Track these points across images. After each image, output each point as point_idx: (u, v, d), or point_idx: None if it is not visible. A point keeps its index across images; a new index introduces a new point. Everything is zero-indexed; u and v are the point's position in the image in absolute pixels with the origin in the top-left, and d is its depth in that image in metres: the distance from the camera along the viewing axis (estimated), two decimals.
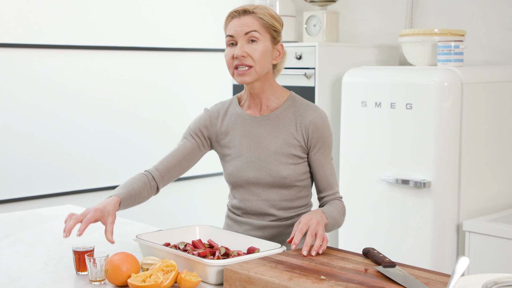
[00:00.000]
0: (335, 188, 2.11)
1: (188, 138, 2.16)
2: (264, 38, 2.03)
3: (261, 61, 2.02)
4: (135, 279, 1.71)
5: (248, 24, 2.02)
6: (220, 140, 2.15)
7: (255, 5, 2.06)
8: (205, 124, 2.16)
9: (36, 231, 2.40)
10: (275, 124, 2.08)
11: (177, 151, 2.15)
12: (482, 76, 3.12)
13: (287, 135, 2.06)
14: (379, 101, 3.16)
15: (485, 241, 2.88)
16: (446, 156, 2.96)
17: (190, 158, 2.16)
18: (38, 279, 1.85)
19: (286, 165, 2.05)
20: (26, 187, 3.61)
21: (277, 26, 2.06)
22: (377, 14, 4.00)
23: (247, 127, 2.10)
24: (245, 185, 2.10)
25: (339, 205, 2.09)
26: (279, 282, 1.63)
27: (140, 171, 2.20)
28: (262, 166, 2.06)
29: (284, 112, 2.08)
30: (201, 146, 2.17)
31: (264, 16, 2.03)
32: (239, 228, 2.15)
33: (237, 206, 2.15)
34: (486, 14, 3.54)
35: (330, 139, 2.09)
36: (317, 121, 2.05)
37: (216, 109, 2.18)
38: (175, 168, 2.15)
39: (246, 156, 2.08)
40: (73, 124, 3.77)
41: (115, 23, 3.90)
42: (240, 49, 2.02)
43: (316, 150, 2.07)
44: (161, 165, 2.14)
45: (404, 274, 1.69)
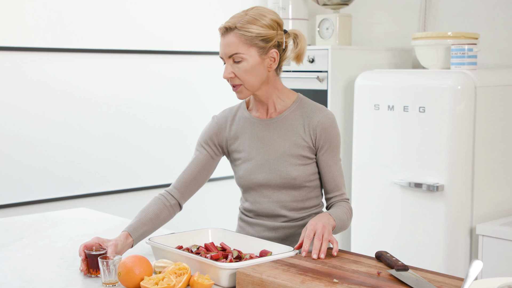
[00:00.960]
0: (342, 189, 2.12)
1: (200, 150, 2.17)
2: (249, 54, 2.01)
3: (248, 78, 2.03)
4: (147, 282, 1.71)
5: (230, 45, 2.01)
6: (230, 145, 2.16)
7: (243, 15, 2.02)
8: (214, 132, 2.18)
9: (49, 234, 2.41)
10: (283, 126, 2.09)
11: (192, 165, 2.17)
12: (495, 80, 3.10)
13: (295, 136, 2.07)
14: (392, 105, 3.15)
15: (499, 245, 2.86)
16: (459, 160, 2.95)
17: (206, 169, 2.17)
18: (51, 282, 1.85)
19: (295, 166, 2.06)
20: (38, 190, 3.63)
21: (265, 34, 2.01)
22: (390, 17, 4.00)
23: (256, 130, 2.11)
24: (256, 188, 2.11)
25: (346, 207, 2.09)
26: (292, 285, 1.63)
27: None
28: (272, 168, 2.07)
29: (292, 114, 2.09)
30: (213, 155, 2.17)
31: (246, 32, 1.99)
32: (252, 229, 2.15)
33: (249, 208, 2.16)
34: (499, 17, 3.53)
35: (338, 140, 2.09)
36: (325, 122, 2.06)
37: (224, 115, 2.19)
38: (192, 182, 2.16)
39: (256, 159, 2.09)
40: (84, 129, 3.78)
41: (122, 26, 3.91)
42: (226, 71, 2.04)
43: (324, 151, 2.07)
44: (179, 182, 2.16)
45: (417, 277, 1.68)
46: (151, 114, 4.06)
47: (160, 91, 4.10)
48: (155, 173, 4.08)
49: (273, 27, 2.03)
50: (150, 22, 4.02)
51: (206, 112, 4.32)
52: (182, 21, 4.16)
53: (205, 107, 4.32)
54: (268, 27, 2.02)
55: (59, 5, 3.66)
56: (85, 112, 3.78)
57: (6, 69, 3.48)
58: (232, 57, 2.01)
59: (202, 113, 4.30)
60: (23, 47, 3.55)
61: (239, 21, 2.00)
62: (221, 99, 4.38)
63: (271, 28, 2.03)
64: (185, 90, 4.21)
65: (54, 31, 3.64)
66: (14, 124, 3.53)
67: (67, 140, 3.71)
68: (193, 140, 4.25)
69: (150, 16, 4.01)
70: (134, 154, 3.99)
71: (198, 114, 4.28)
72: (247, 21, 2.00)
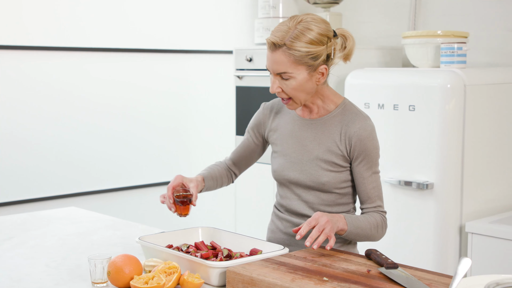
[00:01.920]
0: (377, 202, 2.06)
1: (247, 135, 2.25)
2: (298, 72, 1.96)
3: (296, 94, 2.00)
4: (137, 281, 1.70)
5: (278, 63, 1.95)
6: (270, 136, 2.17)
7: (292, 29, 1.94)
8: (259, 121, 2.20)
9: (38, 233, 2.40)
10: (320, 129, 2.07)
11: (240, 147, 2.26)
12: (485, 78, 3.11)
13: (331, 142, 2.04)
14: (382, 103, 3.15)
15: (488, 243, 2.88)
16: (449, 158, 2.96)
17: (252, 152, 2.24)
18: (40, 282, 1.85)
19: (326, 171, 2.04)
20: (28, 189, 3.61)
21: (315, 51, 1.94)
22: (380, 16, 4.00)
23: (295, 127, 2.11)
24: (288, 184, 2.11)
25: (375, 217, 2.04)
26: (282, 283, 1.63)
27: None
28: (303, 169, 2.06)
29: (332, 119, 2.06)
30: (257, 142, 2.22)
31: (295, 51, 1.93)
32: (281, 224, 2.15)
33: (280, 203, 2.16)
34: (489, 16, 3.54)
35: (375, 152, 2.04)
36: (361, 134, 2.02)
37: (272, 104, 2.20)
38: (241, 161, 2.27)
39: (291, 156, 2.09)
40: (75, 127, 3.77)
41: (117, 24, 3.91)
42: (273, 86, 2.00)
43: (358, 162, 2.04)
44: (231, 158, 2.27)
45: (406, 275, 1.69)
46: (143, 112, 4.05)
47: (154, 89, 4.09)
48: (146, 172, 4.08)
49: (323, 42, 1.96)
50: (144, 20, 4.01)
51: (200, 109, 4.32)
52: (177, 20, 4.15)
53: (199, 106, 4.31)
54: (318, 43, 1.95)
55: (53, 3, 3.64)
56: (75, 110, 3.77)
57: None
58: (280, 75, 1.98)
59: (195, 111, 4.30)
60: (15, 45, 3.54)
61: (287, 37, 1.93)
62: (216, 96, 4.38)
63: (320, 44, 1.96)
64: (178, 88, 4.21)
65: (49, 29, 3.63)
66: (2, 122, 3.51)
67: (57, 139, 3.70)
68: (187, 138, 4.26)
69: (144, 14, 4.00)
70: (124, 152, 3.98)
71: (191, 112, 4.27)
72: (296, 38, 1.93)
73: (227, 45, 4.38)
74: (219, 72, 4.37)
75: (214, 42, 4.34)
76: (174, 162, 4.22)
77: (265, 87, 3.91)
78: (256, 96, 3.97)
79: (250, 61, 3.97)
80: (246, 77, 4.01)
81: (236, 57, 4.06)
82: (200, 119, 4.32)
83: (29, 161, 3.60)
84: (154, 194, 4.12)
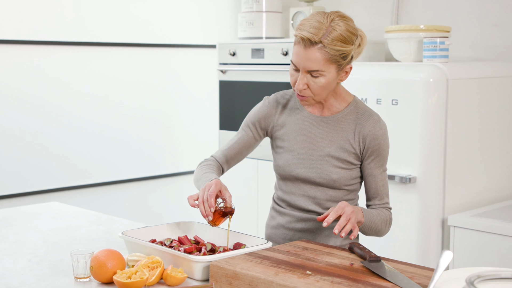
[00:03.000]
0: (385, 199, 2.09)
1: (246, 130, 2.16)
2: (328, 71, 1.95)
3: (320, 92, 1.99)
4: (120, 276, 1.70)
5: (312, 60, 1.92)
6: (275, 131, 2.13)
7: (327, 26, 1.92)
8: (263, 115, 2.14)
9: (21, 229, 2.38)
10: (333, 127, 2.06)
11: (236, 144, 2.17)
12: (467, 72, 3.13)
13: (344, 140, 2.04)
14: (365, 97, 3.16)
15: (470, 236, 2.90)
16: (432, 152, 2.98)
17: (248, 148, 2.18)
18: (22, 277, 1.84)
19: (338, 168, 2.04)
20: (9, 184, 3.59)
21: (346, 51, 1.94)
22: (363, 10, 4.01)
23: (305, 124, 2.09)
24: (293, 180, 2.09)
25: (385, 213, 2.07)
26: (265, 277, 1.64)
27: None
28: (313, 166, 2.05)
29: (345, 117, 2.06)
30: (257, 137, 2.17)
31: (331, 49, 1.91)
32: (282, 219, 2.14)
33: (282, 197, 2.14)
34: (471, 11, 3.56)
35: (386, 151, 2.06)
36: (376, 132, 2.03)
37: (276, 99, 2.15)
38: (234, 159, 2.19)
39: (299, 152, 2.07)
40: (56, 122, 3.75)
41: (101, 19, 3.88)
42: (300, 83, 1.96)
43: (370, 160, 2.05)
44: (224, 155, 2.17)
45: (389, 268, 1.70)
46: (126, 107, 4.03)
47: (137, 83, 4.07)
48: (129, 167, 4.06)
49: (352, 41, 1.96)
50: (128, 14, 3.99)
51: (184, 105, 4.31)
52: (160, 14, 4.13)
53: (183, 100, 4.30)
54: (349, 42, 1.95)
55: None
56: (57, 104, 3.74)
57: None
58: (310, 72, 1.95)
59: (180, 106, 4.29)
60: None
61: (322, 34, 1.91)
62: (200, 91, 4.37)
63: (350, 43, 1.96)
64: (162, 82, 4.20)
65: (36, 23, 3.60)
66: None
67: (38, 134, 3.67)
68: (171, 133, 4.25)
69: (128, 8, 3.98)
70: (108, 147, 3.97)
71: (176, 106, 4.26)
72: (333, 37, 1.91)
73: (211, 39, 4.37)
74: (203, 67, 4.36)
75: (197, 36, 4.33)
76: (159, 157, 4.20)
77: (248, 82, 3.91)
78: (239, 91, 3.97)
79: (233, 55, 3.96)
80: (230, 72, 4.00)
81: (219, 52, 4.06)
82: (184, 114, 4.31)
83: (11, 156, 3.58)
84: (138, 189, 4.11)
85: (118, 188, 4.01)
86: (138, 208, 4.11)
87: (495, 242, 2.82)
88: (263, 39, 4.02)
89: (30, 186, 3.66)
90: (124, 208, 4.05)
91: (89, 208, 3.55)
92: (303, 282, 1.60)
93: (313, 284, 1.59)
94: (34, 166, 3.66)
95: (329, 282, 1.60)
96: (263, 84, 3.83)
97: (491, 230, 2.83)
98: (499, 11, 3.48)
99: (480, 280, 1.36)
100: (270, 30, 4.04)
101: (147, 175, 4.14)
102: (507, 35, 3.45)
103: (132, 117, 4.06)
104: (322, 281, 1.61)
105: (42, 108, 3.68)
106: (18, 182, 3.61)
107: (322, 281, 1.61)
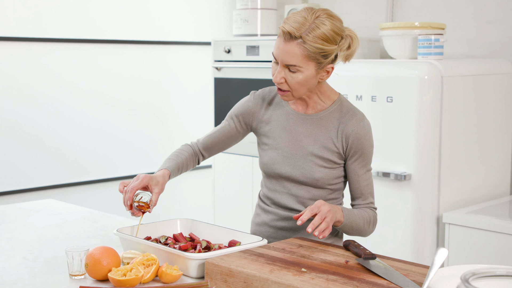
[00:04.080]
0: (369, 199, 2.07)
1: (229, 121, 2.17)
2: (307, 67, 1.93)
3: (298, 88, 1.97)
4: (115, 273, 1.70)
5: (290, 54, 1.91)
6: (260, 128, 2.12)
7: (309, 21, 1.90)
8: (248, 110, 2.14)
9: (15, 226, 2.38)
10: (317, 125, 2.05)
11: (217, 133, 2.18)
12: (462, 69, 3.13)
13: (327, 139, 2.03)
14: (360, 94, 3.16)
15: (464, 233, 2.90)
16: (426, 149, 2.98)
17: (231, 139, 2.18)
18: (17, 274, 1.83)
19: (320, 167, 2.03)
20: (4, 181, 3.58)
21: (327, 50, 1.92)
22: (358, 7, 4.01)
23: (289, 122, 2.08)
24: (277, 178, 2.08)
25: (368, 213, 2.05)
26: (260, 275, 1.64)
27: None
28: (296, 164, 2.04)
29: (329, 115, 2.05)
30: (240, 130, 2.16)
31: (310, 46, 1.89)
32: (266, 217, 2.14)
33: (266, 195, 2.13)
34: (466, 8, 3.56)
35: (370, 150, 2.05)
36: (359, 132, 2.02)
37: (262, 95, 2.14)
38: (216, 147, 2.20)
39: (283, 150, 2.06)
40: (52, 117, 3.74)
41: (96, 16, 3.88)
42: (278, 76, 1.96)
43: (353, 159, 2.04)
44: (204, 143, 2.19)
45: (384, 266, 1.70)
46: (121, 103, 4.03)
47: (132, 80, 4.07)
48: (124, 164, 4.06)
49: (336, 41, 1.94)
50: (123, 11, 3.98)
51: (179, 102, 4.30)
52: (155, 11, 4.13)
53: (179, 97, 4.30)
54: (332, 41, 1.93)
55: None
56: (50, 101, 3.73)
57: None
58: (288, 66, 1.94)
59: (175, 103, 4.28)
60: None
61: (305, 29, 1.89)
62: (195, 89, 4.37)
63: (333, 43, 1.93)
64: (157, 79, 4.19)
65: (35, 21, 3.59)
66: None
67: (32, 131, 3.67)
68: (166, 130, 4.25)
69: (123, 5, 3.97)
70: (103, 144, 3.96)
71: (171, 103, 4.25)
72: (315, 35, 1.89)
73: (206, 37, 4.36)
74: (198, 64, 4.36)
75: (192, 34, 4.33)
76: (154, 154, 4.20)
77: (243, 79, 3.90)
78: (234, 88, 3.97)
79: (228, 52, 3.96)
80: (225, 69, 4.00)
81: (214, 49, 4.05)
82: (179, 111, 4.31)
83: (7, 153, 3.57)
84: None
85: (113, 185, 4.00)
86: None
87: (490, 240, 2.83)
88: (258, 36, 4.02)
89: (25, 183, 3.65)
90: (120, 206, 4.04)
91: (84, 205, 3.54)
92: (298, 279, 1.60)
93: (308, 282, 1.59)
94: (29, 162, 3.65)
95: (324, 280, 1.61)
96: (258, 81, 3.82)
97: (486, 227, 2.84)
98: (493, 8, 3.48)
99: (475, 277, 1.36)
100: (265, 27, 4.04)
101: (143, 172, 4.14)
102: (501, 32, 3.46)
103: (128, 114, 4.06)
104: (317, 279, 1.61)
105: (39, 104, 3.67)
106: (13, 179, 3.60)
107: (317, 279, 1.61)
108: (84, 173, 3.89)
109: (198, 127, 4.38)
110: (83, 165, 3.88)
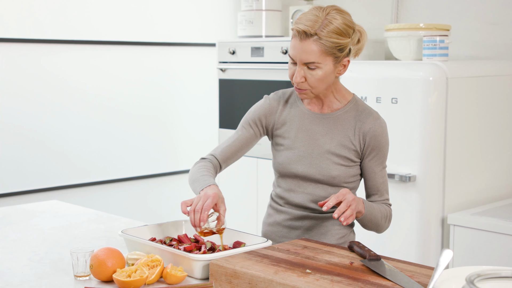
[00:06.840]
0: (385, 195, 2.10)
1: (247, 128, 2.15)
2: (325, 63, 1.96)
3: (318, 85, 1.99)
4: (120, 274, 1.70)
5: (308, 52, 1.94)
6: (276, 129, 2.13)
7: (322, 18, 1.94)
8: (264, 112, 2.14)
9: (21, 227, 2.38)
10: (333, 124, 2.06)
11: (236, 142, 2.15)
12: (467, 71, 3.13)
13: (344, 137, 2.05)
14: (365, 96, 3.16)
15: (469, 234, 2.90)
16: (431, 151, 2.98)
17: (247, 147, 2.17)
18: (22, 275, 1.84)
19: (337, 165, 2.04)
20: (10, 183, 3.59)
21: (343, 43, 1.95)
22: (363, 8, 4.01)
23: (305, 121, 2.09)
24: (293, 177, 2.09)
25: (385, 208, 2.08)
26: (265, 276, 1.64)
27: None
28: (313, 163, 2.05)
29: (345, 114, 2.07)
30: (258, 135, 2.16)
31: (326, 41, 1.93)
32: (279, 217, 2.14)
33: (280, 195, 2.14)
34: (471, 9, 3.56)
35: (386, 148, 2.07)
36: (376, 130, 2.04)
37: (277, 97, 2.15)
38: (233, 158, 2.16)
39: (299, 150, 2.07)
40: (57, 119, 3.75)
41: (100, 17, 3.88)
42: (298, 75, 1.98)
43: (370, 157, 2.06)
44: (220, 154, 2.14)
45: (389, 267, 1.70)
46: (126, 105, 4.03)
47: (136, 82, 4.07)
48: (129, 165, 4.06)
49: (349, 34, 1.97)
50: (127, 13, 3.99)
51: (184, 103, 4.31)
52: (160, 12, 4.13)
53: (183, 99, 4.30)
54: (345, 34, 1.96)
55: None
56: (55, 102, 3.74)
57: None
58: (307, 65, 1.96)
59: (179, 104, 4.29)
60: None
61: (319, 26, 1.93)
62: (199, 90, 4.37)
63: (347, 36, 1.97)
64: (162, 81, 4.20)
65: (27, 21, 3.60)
66: None
67: (38, 132, 3.67)
68: (170, 132, 4.25)
69: (127, 7, 3.98)
70: (108, 145, 3.97)
71: (175, 105, 4.26)
72: (329, 30, 1.93)
73: (210, 38, 4.37)
74: (202, 65, 4.36)
75: (197, 35, 4.33)
76: (159, 156, 4.21)
77: (248, 80, 3.91)
78: (239, 89, 3.97)
79: (233, 53, 3.96)
80: (229, 70, 4.00)
81: (219, 50, 4.05)
82: (184, 112, 4.32)
83: (12, 154, 3.58)
84: (138, 187, 4.11)
85: (118, 187, 4.01)
86: (138, 207, 4.11)
87: (495, 241, 2.83)
88: (262, 37, 4.02)
89: (30, 184, 3.66)
90: (124, 207, 4.05)
91: (89, 207, 3.55)
92: (302, 280, 1.60)
93: (313, 283, 1.59)
94: (34, 164, 3.66)
95: (329, 281, 1.61)
96: (262, 82, 3.83)
97: (491, 228, 2.83)
98: (498, 10, 3.48)
99: (480, 279, 1.36)
100: (270, 28, 4.04)
101: (147, 174, 4.15)
102: (506, 33, 3.45)
103: (132, 116, 4.06)
104: (321, 280, 1.61)
105: (42, 106, 3.68)
106: (18, 180, 3.61)
107: (322, 280, 1.61)
108: (88, 174, 3.89)
109: (202, 129, 4.39)
110: (86, 166, 3.88)
